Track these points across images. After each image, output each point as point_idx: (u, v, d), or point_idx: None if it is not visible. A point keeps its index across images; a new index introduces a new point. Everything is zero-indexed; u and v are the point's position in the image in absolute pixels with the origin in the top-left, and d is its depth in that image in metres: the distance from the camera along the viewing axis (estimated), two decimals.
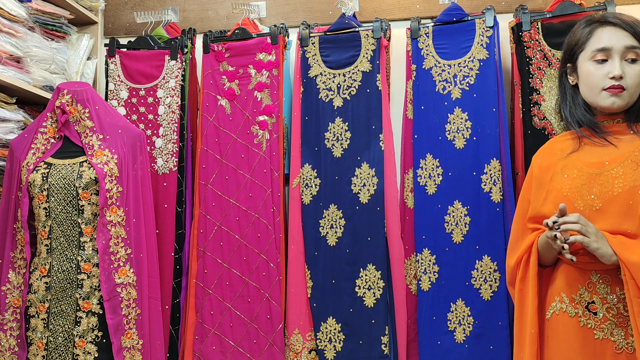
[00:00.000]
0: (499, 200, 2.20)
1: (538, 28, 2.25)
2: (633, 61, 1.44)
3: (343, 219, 2.34)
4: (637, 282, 1.30)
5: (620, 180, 1.39)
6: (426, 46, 2.38)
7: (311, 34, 2.48)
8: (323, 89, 2.44)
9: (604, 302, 1.40)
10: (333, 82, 2.43)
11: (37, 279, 1.97)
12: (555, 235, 1.35)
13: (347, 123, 2.39)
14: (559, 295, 1.47)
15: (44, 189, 1.98)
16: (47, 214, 1.98)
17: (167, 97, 2.49)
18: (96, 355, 1.94)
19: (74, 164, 2.03)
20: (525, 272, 1.51)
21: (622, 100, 1.44)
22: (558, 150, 1.56)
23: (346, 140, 2.39)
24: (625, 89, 1.44)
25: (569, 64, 1.59)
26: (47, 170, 2.01)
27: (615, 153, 1.44)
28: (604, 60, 1.47)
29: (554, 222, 1.36)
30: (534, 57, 2.24)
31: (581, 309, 1.42)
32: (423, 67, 2.37)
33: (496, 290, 2.18)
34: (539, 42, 2.24)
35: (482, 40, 2.31)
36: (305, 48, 2.47)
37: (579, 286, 1.43)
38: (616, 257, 1.34)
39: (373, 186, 2.33)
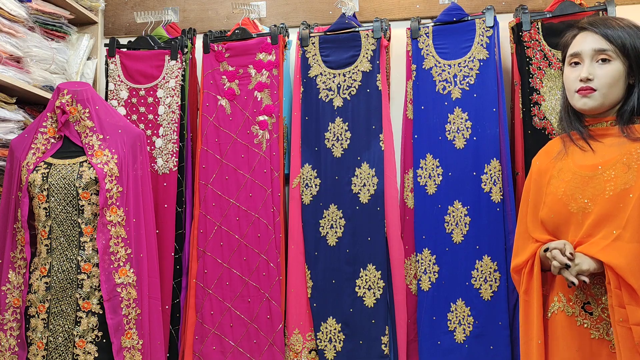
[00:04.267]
0: (499, 200, 2.20)
1: (538, 28, 2.25)
2: (604, 61, 1.46)
3: (343, 219, 2.34)
4: (630, 281, 1.31)
5: (612, 183, 1.40)
6: (426, 46, 2.38)
7: (311, 34, 2.48)
8: (323, 89, 2.43)
9: (599, 303, 1.41)
10: (333, 82, 2.43)
11: (37, 279, 1.97)
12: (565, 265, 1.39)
13: (347, 123, 2.39)
14: (557, 295, 1.49)
15: (44, 189, 1.98)
16: (47, 214, 1.98)
17: (167, 97, 2.49)
18: (96, 355, 1.94)
19: (74, 164, 2.03)
20: (529, 284, 1.51)
21: (593, 100, 1.46)
22: (555, 152, 1.58)
23: (346, 140, 2.39)
24: (596, 90, 1.46)
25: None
26: (47, 170, 2.00)
27: (607, 156, 1.45)
28: (577, 64, 1.51)
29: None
30: (534, 57, 2.24)
31: (578, 308, 1.44)
32: (423, 67, 2.37)
33: (496, 290, 2.18)
34: (539, 42, 2.24)
35: (482, 40, 2.31)
36: (305, 48, 2.47)
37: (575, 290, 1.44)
38: (598, 263, 1.36)
39: (373, 186, 2.33)
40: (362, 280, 2.30)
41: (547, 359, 1.48)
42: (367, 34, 2.41)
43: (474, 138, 2.26)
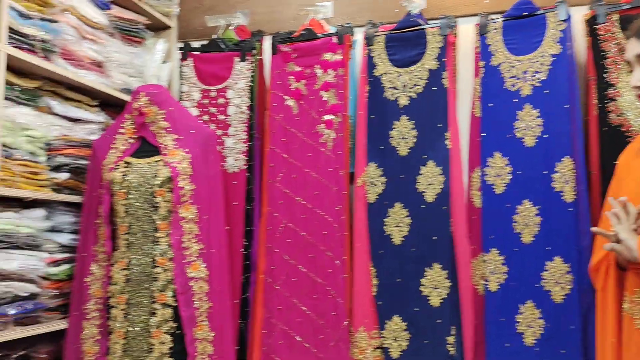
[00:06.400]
0: (572, 200, 2.13)
1: (614, 20, 2.15)
2: None
3: (408, 217, 2.33)
4: None
5: None
6: (495, 42, 2.33)
7: (377, 33, 2.48)
8: (388, 87, 2.43)
9: None
10: (399, 80, 2.42)
11: (117, 271, 2.09)
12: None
13: (412, 121, 2.38)
14: (625, 296, 1.47)
15: (124, 186, 2.09)
16: (126, 210, 2.10)
17: (237, 97, 2.56)
18: (171, 346, 2.03)
19: (150, 163, 2.13)
20: (605, 282, 1.50)
21: None
22: (637, 149, 1.54)
23: (412, 139, 2.37)
24: None
25: None
26: (127, 169, 2.12)
27: None
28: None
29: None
30: (610, 50, 2.14)
31: (637, 310, 1.41)
32: (491, 63, 2.32)
33: (569, 292, 2.10)
34: (615, 35, 2.14)
35: (554, 35, 2.23)
36: (371, 47, 2.48)
37: (635, 290, 1.42)
38: (636, 254, 1.33)
39: (439, 185, 2.31)
40: (427, 279, 2.28)
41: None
42: (433, 32, 2.39)
43: (545, 136, 2.19)
